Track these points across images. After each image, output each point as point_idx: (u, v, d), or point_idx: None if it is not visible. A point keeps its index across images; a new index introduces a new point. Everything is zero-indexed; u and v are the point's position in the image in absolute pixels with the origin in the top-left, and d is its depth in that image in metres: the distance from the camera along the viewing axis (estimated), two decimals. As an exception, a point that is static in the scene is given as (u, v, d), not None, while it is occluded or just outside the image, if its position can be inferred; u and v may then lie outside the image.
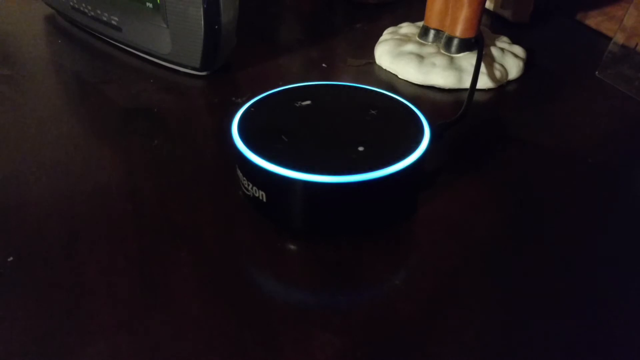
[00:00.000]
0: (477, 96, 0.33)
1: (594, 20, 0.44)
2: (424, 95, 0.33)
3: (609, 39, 0.38)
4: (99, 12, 0.36)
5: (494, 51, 0.36)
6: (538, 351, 0.18)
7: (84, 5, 0.37)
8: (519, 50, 0.37)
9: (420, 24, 0.38)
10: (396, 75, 0.35)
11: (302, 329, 0.18)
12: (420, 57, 0.35)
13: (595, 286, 0.20)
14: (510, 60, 0.35)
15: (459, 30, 0.34)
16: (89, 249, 0.21)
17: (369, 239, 0.22)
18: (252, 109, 0.23)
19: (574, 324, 0.19)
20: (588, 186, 0.26)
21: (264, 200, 0.21)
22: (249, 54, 0.37)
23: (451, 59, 0.34)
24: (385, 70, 0.36)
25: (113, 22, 0.36)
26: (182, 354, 0.17)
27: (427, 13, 0.36)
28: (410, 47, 0.36)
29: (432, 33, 0.36)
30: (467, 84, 0.33)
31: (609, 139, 0.30)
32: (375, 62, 0.37)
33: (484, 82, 0.34)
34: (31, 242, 0.21)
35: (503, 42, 0.38)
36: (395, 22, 0.41)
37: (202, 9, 0.30)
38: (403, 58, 0.35)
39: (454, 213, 0.23)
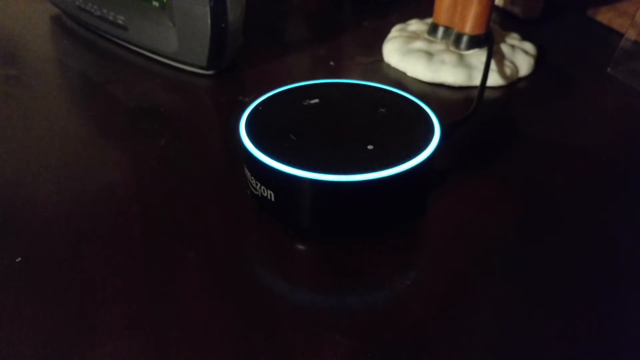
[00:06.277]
0: (487, 94, 0.32)
1: (605, 16, 0.44)
2: (433, 92, 0.33)
3: (621, 35, 0.37)
4: (105, 11, 0.36)
5: (504, 48, 0.35)
6: (551, 352, 0.17)
7: (90, 5, 0.37)
8: (529, 46, 0.37)
9: (429, 20, 0.38)
10: (405, 73, 0.35)
11: (312, 330, 0.18)
12: (429, 54, 0.34)
13: (611, 286, 0.20)
14: (520, 57, 0.35)
15: (469, 26, 0.34)
16: (97, 249, 0.21)
17: (378, 238, 0.21)
18: (259, 108, 0.23)
19: (588, 324, 0.18)
20: (601, 184, 0.25)
21: (273, 199, 0.21)
22: (256, 52, 0.37)
23: (461, 56, 0.34)
24: (393, 67, 0.35)
25: (119, 22, 0.35)
26: (190, 354, 0.17)
27: (436, 10, 0.36)
28: (419, 44, 0.35)
29: (441, 30, 0.36)
30: (477, 82, 0.33)
31: (622, 136, 0.29)
32: (383, 59, 0.37)
33: (494, 80, 0.33)
34: (39, 243, 0.21)
35: (513, 38, 0.37)
36: (404, 19, 0.40)
37: (208, 8, 0.30)
38: (412, 55, 0.34)
39: (464, 212, 0.23)
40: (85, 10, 0.37)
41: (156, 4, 0.33)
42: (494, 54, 0.34)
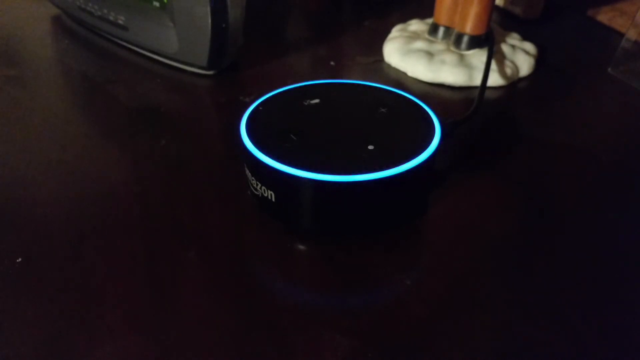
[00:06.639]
0: (487, 94, 0.32)
1: (606, 16, 0.44)
2: (434, 93, 0.33)
3: (621, 35, 0.37)
4: (105, 11, 0.36)
5: (505, 48, 0.35)
6: (551, 352, 0.17)
7: (90, 5, 0.37)
8: (529, 47, 0.37)
9: (430, 20, 0.38)
10: (405, 73, 0.35)
11: (312, 330, 0.18)
12: (430, 54, 0.34)
13: (612, 286, 0.20)
14: (521, 57, 0.35)
15: (469, 26, 0.34)
16: (97, 249, 0.21)
17: (379, 239, 0.21)
18: (260, 108, 0.23)
19: (588, 324, 0.18)
20: (602, 184, 0.25)
21: (273, 200, 0.21)
22: (257, 52, 0.37)
23: (461, 56, 0.34)
24: (394, 67, 0.35)
25: (120, 22, 0.35)
26: (191, 354, 0.17)
27: (437, 9, 0.36)
28: (420, 44, 0.35)
29: (441, 30, 0.36)
30: (477, 82, 0.33)
31: (622, 136, 0.29)
32: (384, 59, 0.37)
33: (494, 80, 0.33)
34: (39, 243, 0.21)
35: (514, 38, 0.37)
36: (404, 19, 0.40)
37: (209, 8, 0.30)
38: (412, 55, 0.34)
39: (464, 212, 0.23)
40: (86, 11, 0.37)
41: (156, 4, 0.33)
42: (495, 54, 0.34)
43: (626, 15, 0.42)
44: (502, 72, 0.34)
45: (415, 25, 0.39)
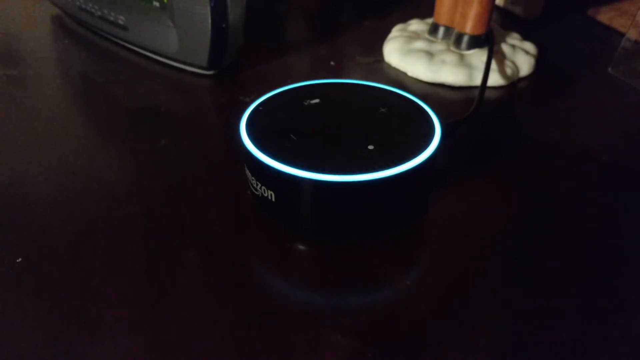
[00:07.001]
0: (487, 94, 0.32)
1: (606, 15, 0.44)
2: (434, 92, 0.33)
3: (622, 34, 0.37)
4: (105, 12, 0.36)
5: (505, 48, 0.35)
6: (551, 352, 0.17)
7: (90, 5, 0.37)
8: (530, 46, 0.37)
9: (430, 20, 0.38)
10: (405, 73, 0.35)
11: (313, 330, 0.18)
12: (430, 54, 0.34)
13: (612, 287, 0.20)
14: (521, 57, 0.35)
15: (469, 26, 0.34)
16: (97, 250, 0.21)
17: (379, 239, 0.21)
18: (260, 108, 0.23)
19: (588, 324, 0.18)
20: (602, 184, 0.25)
21: (273, 200, 0.21)
22: (257, 52, 0.37)
23: (461, 56, 0.34)
24: (394, 67, 0.35)
25: (120, 22, 0.35)
26: (191, 355, 0.17)
27: (437, 9, 0.36)
28: (420, 44, 0.35)
29: (441, 30, 0.36)
30: (477, 82, 0.33)
31: (622, 136, 0.29)
32: (384, 59, 0.37)
33: (494, 80, 0.33)
34: (39, 243, 0.21)
35: (514, 38, 0.37)
36: (404, 19, 0.40)
37: (209, 8, 0.30)
38: (412, 55, 0.34)
39: (465, 212, 0.23)
40: (86, 11, 0.37)
41: (157, 4, 0.33)
42: (495, 54, 0.34)
43: (626, 15, 0.42)
44: (502, 72, 0.34)
45: (415, 25, 0.39)
